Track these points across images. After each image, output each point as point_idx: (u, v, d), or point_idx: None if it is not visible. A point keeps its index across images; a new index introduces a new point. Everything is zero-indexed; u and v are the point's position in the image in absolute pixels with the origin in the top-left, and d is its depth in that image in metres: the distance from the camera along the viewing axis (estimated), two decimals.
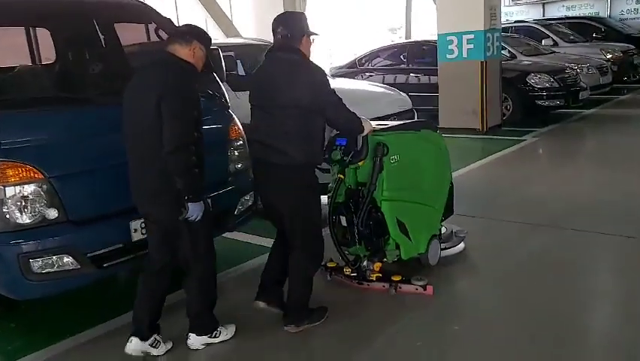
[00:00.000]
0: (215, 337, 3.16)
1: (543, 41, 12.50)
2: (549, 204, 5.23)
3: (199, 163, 2.83)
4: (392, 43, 11.70)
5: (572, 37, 13.35)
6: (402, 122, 4.27)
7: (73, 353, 3.24)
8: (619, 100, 11.49)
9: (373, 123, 3.52)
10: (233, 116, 3.98)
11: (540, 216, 4.86)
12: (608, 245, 4.23)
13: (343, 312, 3.42)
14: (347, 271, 3.72)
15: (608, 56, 12.06)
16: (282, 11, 10.20)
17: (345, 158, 3.40)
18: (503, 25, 13.54)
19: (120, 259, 3.24)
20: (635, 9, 15.58)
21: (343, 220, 3.57)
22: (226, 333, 3.21)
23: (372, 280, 3.65)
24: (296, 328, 3.22)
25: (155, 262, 3.07)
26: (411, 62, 10.68)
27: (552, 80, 9.10)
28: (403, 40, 13.50)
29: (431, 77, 9.57)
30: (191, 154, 2.76)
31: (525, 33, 12.82)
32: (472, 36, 8.59)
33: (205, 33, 3.07)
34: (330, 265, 3.84)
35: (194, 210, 2.83)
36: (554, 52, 11.83)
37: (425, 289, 3.56)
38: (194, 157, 2.77)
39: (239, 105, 5.57)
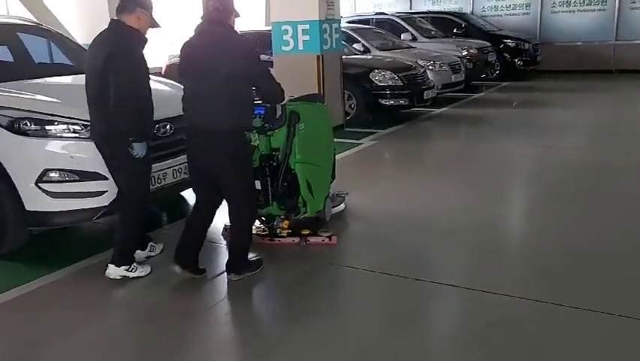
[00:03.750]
0: (132, 271, 3.59)
1: (402, 35, 12.04)
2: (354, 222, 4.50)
3: (145, 112, 3.44)
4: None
5: (433, 33, 13.04)
6: (304, 94, 4.43)
7: None
8: (472, 99, 11.25)
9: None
10: None
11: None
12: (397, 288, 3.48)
13: (270, 263, 3.74)
14: (259, 230, 4.11)
15: (463, 53, 11.80)
16: None
17: (266, 125, 3.90)
18: (364, 17, 13.10)
19: None
20: (495, 6, 15.61)
21: (257, 184, 3.92)
22: (141, 270, 3.63)
23: (283, 236, 4.10)
24: (237, 276, 3.54)
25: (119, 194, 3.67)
26: (261, 53, 9.70)
27: (396, 77, 8.47)
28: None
29: None
30: (133, 104, 3.32)
31: (385, 26, 12.33)
32: (307, 26, 7.71)
33: None
34: (227, 225, 4.05)
35: (138, 149, 3.40)
36: (411, 47, 11.40)
37: (330, 239, 4.06)
38: (135, 107, 3.33)
39: None
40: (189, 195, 5.20)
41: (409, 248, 4.05)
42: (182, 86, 4.62)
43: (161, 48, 10.50)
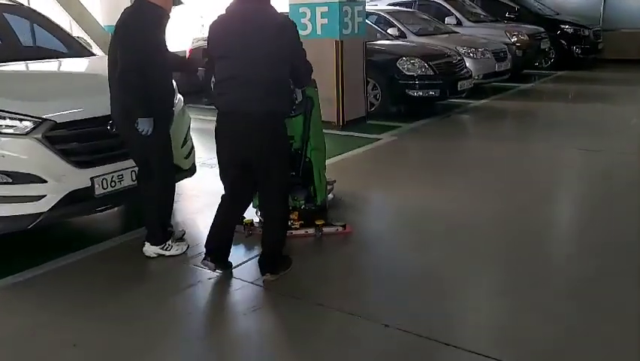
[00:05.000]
0: (166, 250, 3.58)
1: (446, 19, 11.12)
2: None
3: (154, 87, 3.30)
4: None
5: (481, 17, 12.01)
6: None
7: None
8: (519, 89, 10.23)
9: None
10: None
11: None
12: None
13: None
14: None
15: (513, 39, 10.78)
16: None
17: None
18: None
19: None
20: None
21: None
22: (177, 249, 3.60)
23: (296, 228, 3.85)
24: (274, 276, 3.26)
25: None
26: None
27: (426, 66, 7.64)
28: None
29: None
30: (137, 76, 3.19)
31: (431, 10, 11.44)
32: (325, 9, 7.03)
33: None
34: (246, 222, 3.91)
35: (143, 125, 3.27)
36: (455, 32, 10.49)
37: (345, 228, 3.90)
38: (141, 79, 3.19)
39: None
40: None
41: (412, 288, 3.33)
42: None
43: (186, 31, 10.09)
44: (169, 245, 3.62)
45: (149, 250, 3.60)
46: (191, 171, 4.40)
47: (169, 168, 3.61)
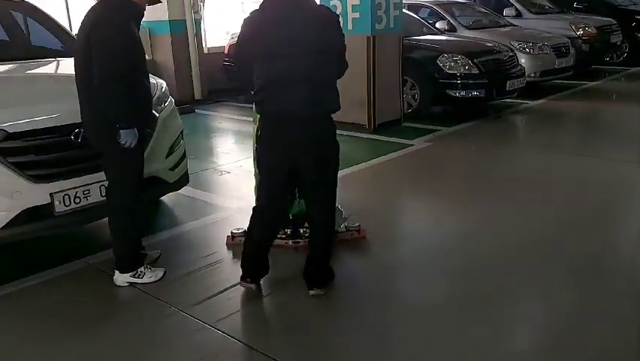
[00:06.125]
0: (138, 277, 3.20)
1: (505, 11, 10.24)
2: None
3: (136, 93, 2.95)
4: None
5: (546, 8, 11.00)
6: None
7: None
8: (583, 88, 9.21)
9: None
10: None
11: None
12: None
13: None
14: (279, 234, 3.54)
15: (579, 32, 9.75)
16: None
17: None
18: None
19: None
20: None
21: None
22: (150, 276, 3.22)
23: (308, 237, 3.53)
24: (323, 290, 3.06)
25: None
26: None
27: (470, 63, 6.88)
28: None
29: None
30: (120, 83, 2.84)
31: (489, 1, 10.59)
32: (357, 1, 6.42)
33: None
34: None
35: (126, 137, 2.93)
36: (513, 25, 9.61)
37: (360, 233, 3.73)
38: (124, 86, 2.85)
39: None
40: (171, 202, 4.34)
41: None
42: None
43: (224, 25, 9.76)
44: (141, 272, 3.22)
45: (119, 278, 3.20)
46: (179, 183, 3.98)
47: (139, 185, 3.19)
